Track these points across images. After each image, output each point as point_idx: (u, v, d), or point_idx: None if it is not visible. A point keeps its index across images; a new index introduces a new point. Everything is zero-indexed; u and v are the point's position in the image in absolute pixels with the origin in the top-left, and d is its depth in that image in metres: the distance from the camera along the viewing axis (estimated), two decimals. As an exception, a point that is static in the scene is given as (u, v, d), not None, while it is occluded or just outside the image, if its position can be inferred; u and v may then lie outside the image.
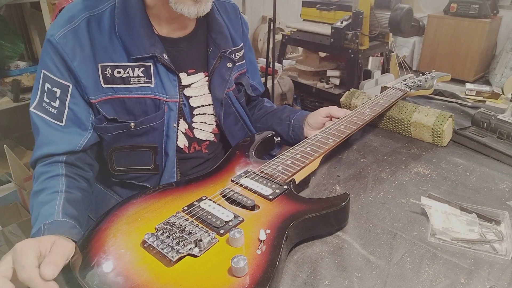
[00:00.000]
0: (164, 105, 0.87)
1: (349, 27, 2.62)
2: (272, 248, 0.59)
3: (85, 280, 0.55)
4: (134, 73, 0.84)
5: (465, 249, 0.67)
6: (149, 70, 0.85)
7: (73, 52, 0.80)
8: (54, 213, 0.70)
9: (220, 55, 0.95)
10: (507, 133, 1.00)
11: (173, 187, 0.78)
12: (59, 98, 0.82)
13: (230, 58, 0.97)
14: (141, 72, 0.85)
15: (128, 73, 0.84)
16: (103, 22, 0.83)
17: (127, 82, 0.84)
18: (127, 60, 0.83)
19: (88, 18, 0.82)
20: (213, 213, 0.66)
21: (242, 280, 0.54)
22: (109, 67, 0.82)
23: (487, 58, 4.11)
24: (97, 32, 0.82)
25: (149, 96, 0.86)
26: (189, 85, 0.93)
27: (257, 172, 0.79)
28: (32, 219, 0.73)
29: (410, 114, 1.03)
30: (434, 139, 1.01)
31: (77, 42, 0.81)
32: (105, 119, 0.85)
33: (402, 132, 1.07)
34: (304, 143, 0.87)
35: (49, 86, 0.82)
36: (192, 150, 0.96)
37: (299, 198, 0.72)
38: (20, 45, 2.11)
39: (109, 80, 0.83)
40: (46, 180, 0.78)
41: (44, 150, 0.82)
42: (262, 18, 3.76)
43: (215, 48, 0.94)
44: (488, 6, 3.80)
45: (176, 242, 0.60)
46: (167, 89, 0.87)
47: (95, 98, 0.83)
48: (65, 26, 0.81)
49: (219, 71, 0.95)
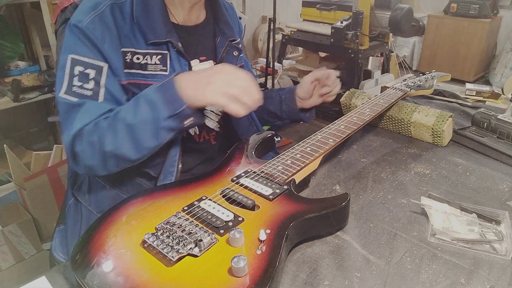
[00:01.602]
0: None
1: (349, 27, 2.62)
2: (272, 248, 0.59)
3: (85, 280, 0.55)
4: (152, 60, 0.87)
5: (465, 249, 0.67)
6: (165, 58, 0.88)
7: (102, 36, 0.82)
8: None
9: (228, 44, 0.98)
10: (507, 133, 1.00)
11: (173, 187, 0.78)
12: (94, 79, 0.82)
13: (236, 47, 1.00)
14: (158, 60, 0.87)
15: (146, 59, 0.86)
16: (125, 9, 0.85)
17: (145, 69, 0.86)
18: (145, 47, 0.86)
19: (111, 5, 0.84)
20: (213, 213, 0.66)
21: (242, 280, 0.54)
22: (130, 52, 0.85)
23: (487, 58, 4.11)
24: (120, 19, 0.84)
25: None
26: None
27: (257, 172, 0.79)
28: (146, 104, 0.76)
29: (410, 114, 1.03)
30: (434, 139, 1.01)
31: (105, 26, 0.82)
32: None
33: (402, 132, 1.07)
34: (304, 143, 0.87)
35: (80, 69, 0.81)
36: (202, 138, 0.98)
37: (299, 198, 0.72)
38: (20, 45, 2.11)
39: (128, 66, 0.85)
40: (123, 107, 0.80)
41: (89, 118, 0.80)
42: (262, 18, 3.76)
43: (222, 37, 0.98)
44: (488, 6, 3.80)
45: (176, 242, 0.60)
46: None
47: (124, 80, 0.85)
48: (91, 12, 0.82)
49: (227, 59, 0.99)
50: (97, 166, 0.81)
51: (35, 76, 2.17)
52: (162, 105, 0.76)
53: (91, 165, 0.81)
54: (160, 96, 0.76)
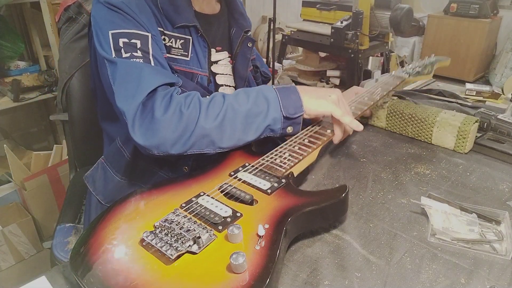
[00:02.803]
0: (197, 77, 0.91)
1: (349, 27, 2.62)
2: (271, 243, 0.59)
3: (83, 279, 0.55)
4: (176, 44, 0.88)
5: (465, 249, 0.67)
6: (188, 44, 0.89)
7: (139, 10, 0.82)
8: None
9: (243, 35, 0.99)
10: (507, 133, 1.00)
11: (170, 183, 0.77)
12: (141, 49, 0.78)
13: (251, 38, 1.01)
14: (180, 45, 0.88)
15: (171, 42, 0.87)
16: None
17: (169, 51, 0.88)
18: (172, 30, 0.87)
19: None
20: (212, 209, 0.66)
21: (241, 276, 0.54)
22: (160, 32, 0.85)
23: (487, 58, 4.11)
24: (150, 2, 0.86)
25: (183, 69, 0.89)
26: (217, 61, 0.96)
27: (255, 165, 0.78)
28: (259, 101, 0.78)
29: (436, 113, 1.00)
30: (457, 141, 0.97)
31: (140, 2, 0.83)
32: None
33: (422, 135, 1.03)
34: (301, 135, 0.86)
35: (125, 40, 0.78)
36: None
37: (298, 191, 0.72)
38: (20, 45, 2.11)
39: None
40: (226, 94, 0.80)
41: (162, 79, 0.76)
42: (262, 18, 3.76)
43: (238, 28, 1.00)
44: (488, 6, 3.80)
45: (174, 239, 0.60)
46: (201, 63, 0.91)
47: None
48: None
49: (242, 51, 0.99)
50: (172, 139, 0.73)
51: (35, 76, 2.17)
52: (281, 105, 0.78)
53: (165, 136, 0.72)
54: (282, 96, 0.79)
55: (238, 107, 0.76)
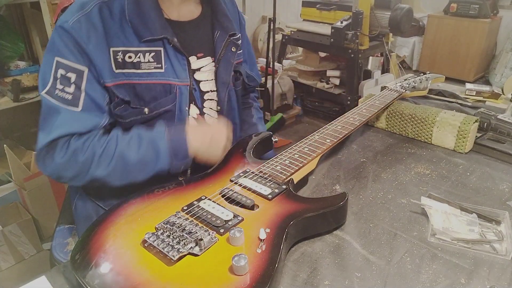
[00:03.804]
0: (175, 88, 0.88)
1: (349, 27, 2.63)
2: (272, 247, 0.60)
3: (85, 279, 0.55)
4: (145, 58, 0.85)
5: (465, 249, 0.67)
6: (159, 55, 0.86)
7: (87, 36, 0.80)
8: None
9: (227, 38, 0.95)
10: (507, 133, 1.00)
11: (172, 187, 0.78)
12: (75, 83, 0.81)
13: (235, 43, 0.97)
14: (151, 58, 0.85)
15: (139, 58, 0.84)
16: (114, 8, 0.84)
17: (138, 67, 0.85)
18: (137, 45, 0.84)
19: (100, 4, 0.83)
20: (213, 213, 0.66)
21: (243, 279, 0.54)
22: (121, 51, 0.83)
23: (487, 58, 4.11)
24: (108, 18, 0.83)
25: (160, 82, 0.87)
26: (199, 68, 0.93)
27: (255, 172, 0.79)
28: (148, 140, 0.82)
29: (436, 113, 1.01)
30: (457, 141, 0.98)
31: (91, 26, 0.81)
32: (122, 102, 0.85)
33: (422, 135, 1.03)
34: (302, 143, 0.87)
35: (62, 73, 0.81)
36: None
37: (298, 198, 0.73)
38: (20, 45, 2.11)
39: (120, 65, 0.84)
40: (121, 139, 0.83)
41: (67, 129, 0.81)
42: (262, 18, 3.76)
43: (222, 31, 0.95)
44: (488, 6, 3.80)
45: (176, 241, 0.60)
46: (178, 73, 0.88)
47: (110, 82, 0.83)
48: (78, 12, 0.81)
49: (226, 55, 0.96)
50: (68, 177, 0.83)
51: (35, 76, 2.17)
52: (168, 157, 0.82)
53: (61, 174, 0.82)
54: (168, 148, 0.82)
55: (128, 156, 0.81)
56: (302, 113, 3.27)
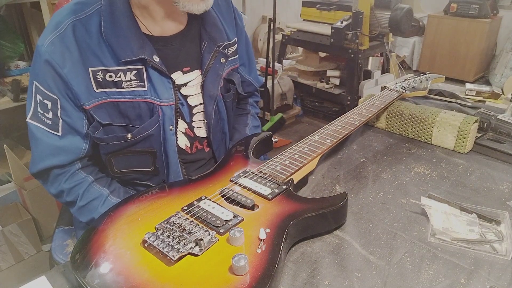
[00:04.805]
0: (158, 109, 0.85)
1: (349, 27, 2.63)
2: (272, 247, 0.60)
3: (85, 279, 0.55)
4: (126, 77, 0.82)
5: (465, 249, 0.67)
6: (141, 74, 0.83)
7: (62, 59, 0.78)
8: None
9: (216, 49, 0.91)
10: (507, 133, 1.00)
11: (172, 187, 0.78)
12: (51, 110, 0.81)
13: (223, 53, 0.93)
14: (133, 76, 0.82)
15: (120, 77, 0.81)
16: (90, 25, 0.80)
17: (120, 86, 0.81)
18: (117, 64, 0.80)
19: (74, 23, 0.79)
20: (213, 213, 0.66)
21: (243, 279, 0.54)
22: (100, 71, 0.80)
23: (487, 58, 4.11)
24: (84, 37, 0.79)
25: (143, 100, 0.84)
26: (186, 83, 0.90)
27: (255, 172, 0.79)
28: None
29: (436, 113, 1.00)
30: (457, 141, 0.98)
31: (65, 48, 0.78)
32: (100, 125, 0.83)
33: (422, 135, 1.03)
34: (302, 144, 0.87)
35: (40, 98, 0.81)
36: (194, 149, 0.95)
37: (298, 198, 0.73)
38: (20, 45, 2.11)
39: (101, 84, 0.81)
40: (85, 194, 0.86)
41: (49, 162, 0.84)
42: (262, 18, 3.76)
43: (210, 42, 0.91)
44: (488, 6, 3.80)
45: (176, 241, 0.60)
46: (160, 93, 0.84)
47: (88, 104, 0.81)
48: (52, 33, 0.78)
49: (214, 67, 0.91)
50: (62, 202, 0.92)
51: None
52: None
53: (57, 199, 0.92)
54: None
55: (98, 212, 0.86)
56: (302, 113, 3.27)
